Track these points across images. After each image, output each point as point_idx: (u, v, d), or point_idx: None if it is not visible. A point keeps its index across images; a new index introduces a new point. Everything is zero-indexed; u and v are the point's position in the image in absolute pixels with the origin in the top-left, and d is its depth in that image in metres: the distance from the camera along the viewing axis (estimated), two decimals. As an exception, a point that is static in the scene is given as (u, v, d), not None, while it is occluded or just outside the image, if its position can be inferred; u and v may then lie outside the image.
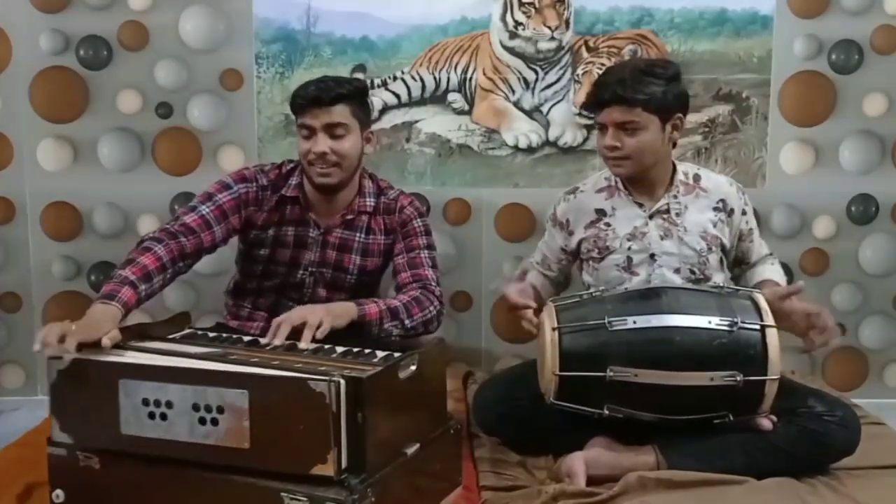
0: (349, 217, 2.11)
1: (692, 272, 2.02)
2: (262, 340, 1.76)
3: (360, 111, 2.05)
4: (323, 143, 1.98)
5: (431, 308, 2.03)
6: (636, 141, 1.93)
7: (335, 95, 1.99)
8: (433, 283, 2.08)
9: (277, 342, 1.73)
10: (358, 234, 2.12)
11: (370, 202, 2.12)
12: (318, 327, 1.76)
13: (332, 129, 1.99)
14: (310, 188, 2.09)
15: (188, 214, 1.98)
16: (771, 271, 2.12)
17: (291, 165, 2.14)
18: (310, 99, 1.99)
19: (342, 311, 1.86)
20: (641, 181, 2.04)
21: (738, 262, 2.16)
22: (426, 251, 2.12)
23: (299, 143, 2.03)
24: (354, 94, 2.03)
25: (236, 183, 2.06)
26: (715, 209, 2.05)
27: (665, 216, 2.03)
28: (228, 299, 2.24)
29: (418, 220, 2.15)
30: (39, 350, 1.53)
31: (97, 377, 1.53)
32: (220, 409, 1.42)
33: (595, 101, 1.97)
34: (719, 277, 2.05)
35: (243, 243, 2.15)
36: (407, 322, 1.96)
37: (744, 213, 2.09)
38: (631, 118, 1.91)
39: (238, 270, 2.22)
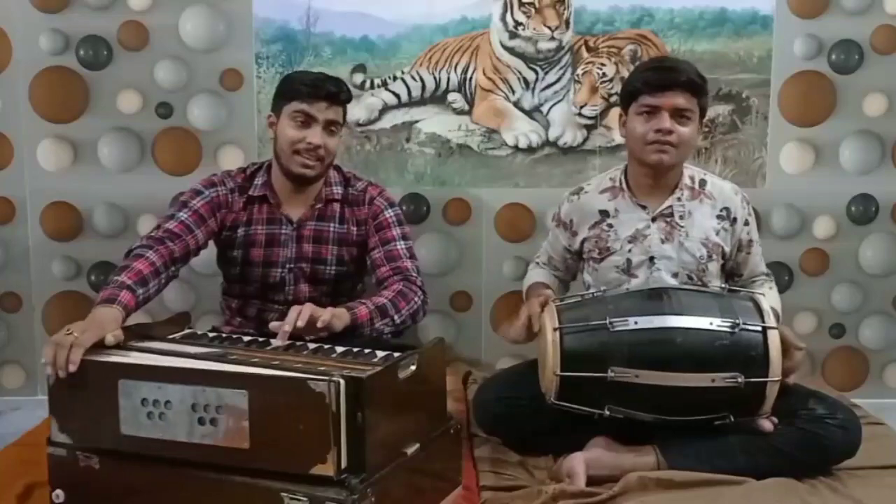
0: (319, 206, 2.12)
1: (690, 278, 2.00)
2: (273, 326, 1.77)
3: (345, 113, 2.12)
4: (320, 137, 2.01)
5: (416, 299, 2.04)
6: (686, 130, 1.92)
7: (346, 98, 2.07)
8: (414, 274, 2.09)
9: (288, 327, 1.74)
10: (332, 225, 2.13)
11: (337, 190, 2.15)
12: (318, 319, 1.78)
13: (330, 126, 2.03)
14: (279, 181, 2.11)
15: (169, 222, 2.01)
16: (768, 299, 1.91)
17: (256, 167, 2.17)
18: (324, 93, 2.01)
19: (340, 314, 1.86)
20: (653, 181, 2.01)
21: (730, 275, 2.11)
22: (402, 242, 2.13)
23: (288, 130, 2.03)
24: (349, 98, 2.11)
25: (206, 188, 2.10)
26: (718, 217, 2.03)
27: (668, 219, 2.01)
28: (223, 301, 2.26)
29: (389, 210, 2.16)
30: (46, 365, 1.54)
31: (97, 377, 1.53)
32: (219, 410, 1.43)
33: (658, 83, 1.91)
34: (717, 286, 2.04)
35: (217, 245, 2.17)
36: (396, 318, 1.97)
37: (746, 223, 2.06)
38: (690, 106, 1.92)
39: (222, 274, 2.23)
